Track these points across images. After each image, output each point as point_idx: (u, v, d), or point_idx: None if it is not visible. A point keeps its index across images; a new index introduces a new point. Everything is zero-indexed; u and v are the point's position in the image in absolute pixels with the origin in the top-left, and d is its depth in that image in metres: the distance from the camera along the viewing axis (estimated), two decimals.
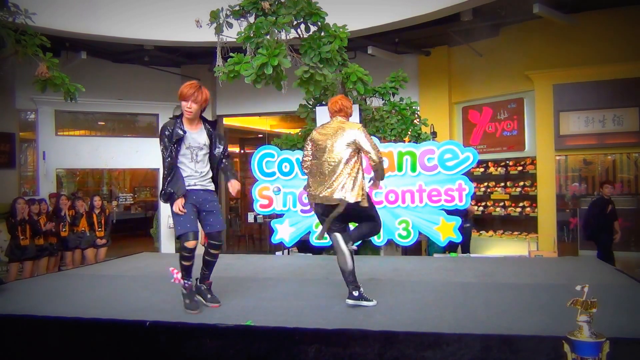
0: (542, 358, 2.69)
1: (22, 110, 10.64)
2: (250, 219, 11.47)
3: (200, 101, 3.60)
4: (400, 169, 6.18)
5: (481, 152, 8.88)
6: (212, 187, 3.78)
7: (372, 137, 4.10)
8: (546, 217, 9.05)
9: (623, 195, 8.92)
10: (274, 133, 13.36)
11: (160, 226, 11.67)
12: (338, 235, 3.74)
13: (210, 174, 3.78)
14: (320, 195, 3.73)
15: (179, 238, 3.64)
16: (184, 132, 3.61)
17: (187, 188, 3.62)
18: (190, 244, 3.56)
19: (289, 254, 7.34)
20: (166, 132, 3.60)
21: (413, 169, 6.15)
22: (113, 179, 15.07)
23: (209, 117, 11.76)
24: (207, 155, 3.74)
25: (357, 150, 3.76)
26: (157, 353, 3.21)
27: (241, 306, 3.68)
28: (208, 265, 3.80)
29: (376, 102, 7.34)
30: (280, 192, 6.44)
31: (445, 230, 6.06)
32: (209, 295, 3.73)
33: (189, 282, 3.67)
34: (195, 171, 3.68)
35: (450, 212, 6.18)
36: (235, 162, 13.53)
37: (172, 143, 3.57)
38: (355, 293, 3.59)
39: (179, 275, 3.65)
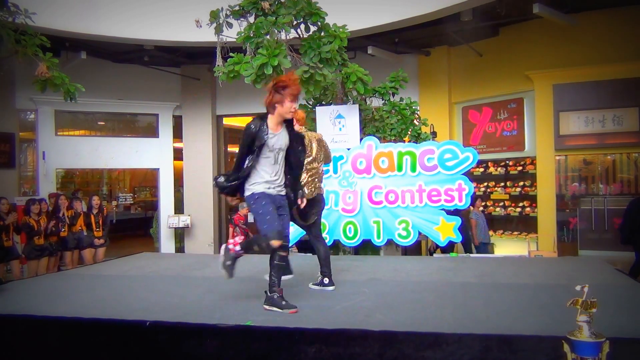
0: (541, 358, 2.69)
1: (22, 110, 10.65)
2: (251, 219, 11.46)
3: None
4: (400, 169, 6.18)
5: (481, 152, 8.88)
6: (284, 192, 3.66)
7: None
8: (546, 217, 9.05)
9: (623, 195, 8.93)
10: None
11: (160, 226, 11.68)
12: None
13: (284, 179, 3.65)
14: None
15: (264, 236, 3.45)
16: (269, 133, 3.47)
17: (267, 191, 3.52)
18: (275, 243, 3.41)
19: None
20: (252, 130, 3.46)
21: (413, 169, 6.14)
22: (113, 179, 15.08)
23: (209, 118, 11.86)
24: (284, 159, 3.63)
25: None
26: (157, 353, 3.21)
27: (241, 306, 3.68)
28: (278, 270, 3.57)
29: (376, 102, 7.33)
30: None
31: (445, 230, 6.06)
32: (283, 302, 3.46)
33: (240, 253, 3.59)
34: (276, 175, 3.57)
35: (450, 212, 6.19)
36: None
37: (257, 145, 3.44)
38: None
39: (237, 248, 3.58)
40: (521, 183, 9.59)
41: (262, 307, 3.54)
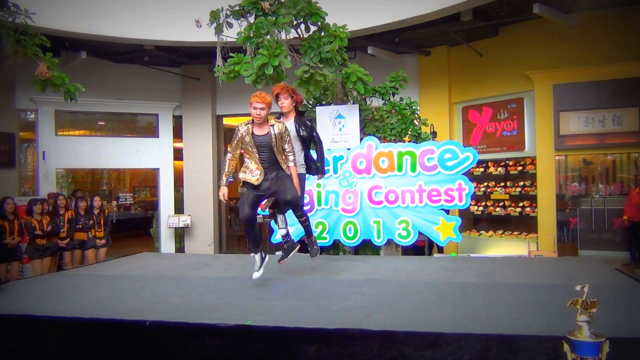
0: (541, 358, 2.69)
1: (22, 110, 10.66)
2: None
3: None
4: (400, 169, 6.18)
5: (481, 152, 8.89)
6: None
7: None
8: (546, 217, 9.05)
9: (623, 195, 8.93)
10: None
11: (160, 226, 11.68)
12: None
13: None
14: None
15: None
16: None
17: None
18: None
19: None
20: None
21: (413, 169, 6.14)
22: (113, 179, 15.09)
23: (209, 118, 11.85)
24: None
25: None
26: (157, 353, 3.21)
27: (241, 306, 3.68)
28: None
29: (376, 102, 7.33)
30: None
31: (445, 230, 6.06)
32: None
33: None
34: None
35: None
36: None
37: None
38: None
39: None
40: (521, 183, 9.59)
41: (261, 306, 3.55)
